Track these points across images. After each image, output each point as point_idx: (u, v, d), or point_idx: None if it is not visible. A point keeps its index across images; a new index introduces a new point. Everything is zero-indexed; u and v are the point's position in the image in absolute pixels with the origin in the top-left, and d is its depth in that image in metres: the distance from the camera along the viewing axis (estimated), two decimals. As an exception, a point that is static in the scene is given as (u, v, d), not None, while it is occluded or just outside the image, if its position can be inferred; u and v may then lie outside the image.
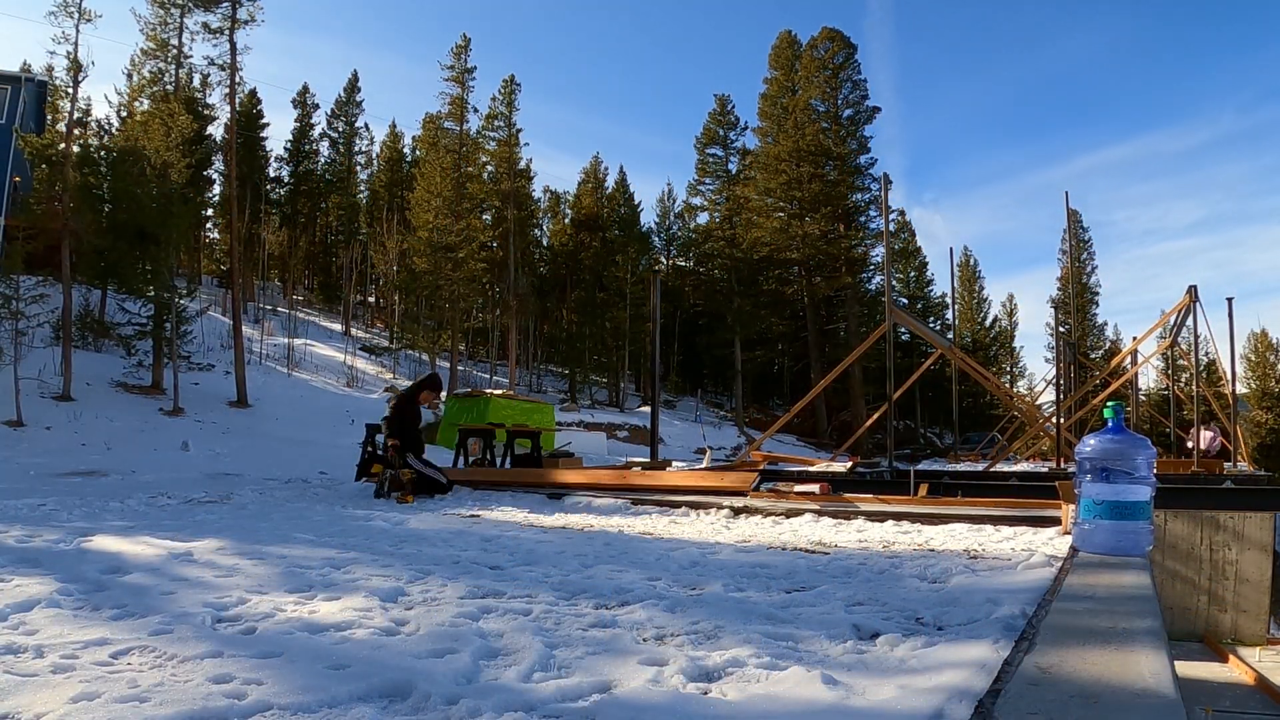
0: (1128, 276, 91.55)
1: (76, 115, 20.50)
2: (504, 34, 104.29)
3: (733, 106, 41.96)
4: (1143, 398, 26.32)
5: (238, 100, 23.41)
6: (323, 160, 43.28)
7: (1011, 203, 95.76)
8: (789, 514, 4.87)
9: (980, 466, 15.68)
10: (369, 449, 8.82)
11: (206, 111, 26.47)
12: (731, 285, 38.51)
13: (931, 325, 39.93)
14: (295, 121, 41.88)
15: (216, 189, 32.94)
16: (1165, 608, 6.53)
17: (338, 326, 34.47)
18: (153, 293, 16.86)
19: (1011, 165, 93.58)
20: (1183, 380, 22.62)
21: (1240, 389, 25.06)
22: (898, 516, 4.55)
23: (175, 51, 22.29)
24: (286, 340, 25.73)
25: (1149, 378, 31.13)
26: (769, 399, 45.30)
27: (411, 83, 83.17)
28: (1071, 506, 3.03)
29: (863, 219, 38.68)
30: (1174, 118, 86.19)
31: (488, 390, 22.56)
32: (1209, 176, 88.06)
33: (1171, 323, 18.86)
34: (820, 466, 13.50)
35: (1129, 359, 22.08)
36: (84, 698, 1.44)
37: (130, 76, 25.17)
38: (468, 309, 30.78)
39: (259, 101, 38.42)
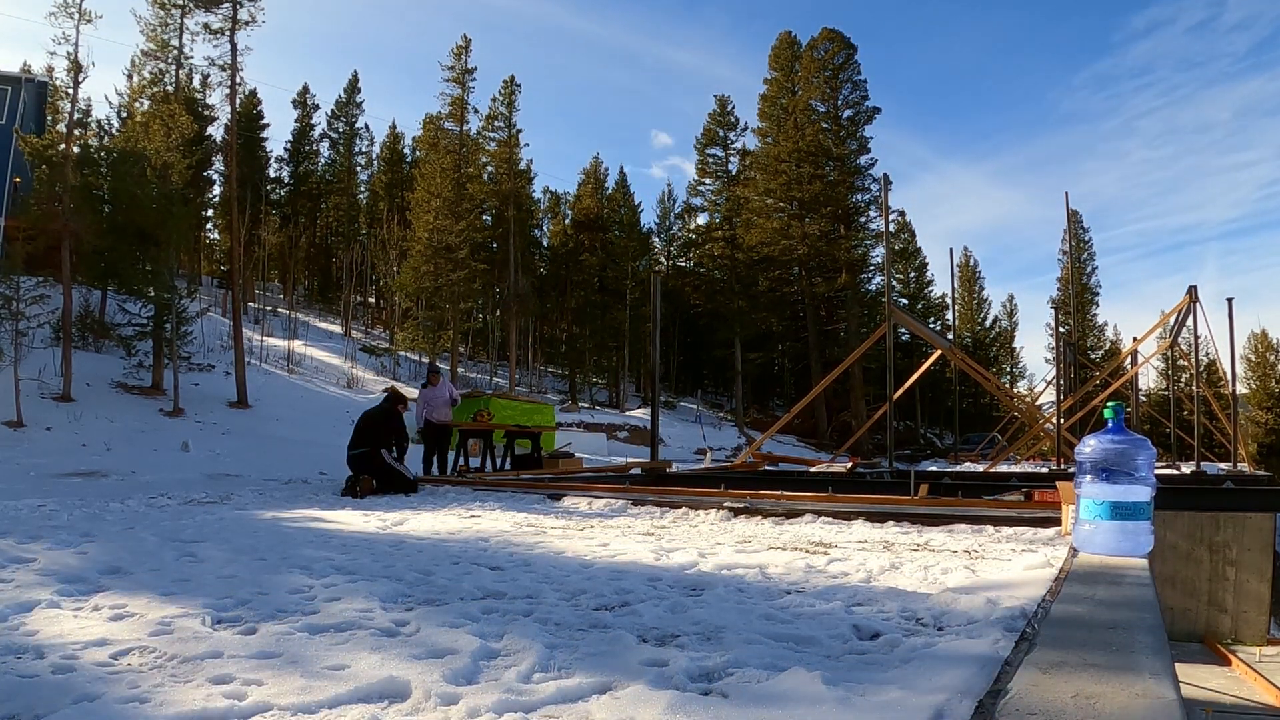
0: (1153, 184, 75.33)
1: (77, 116, 20.48)
2: (504, 34, 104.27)
3: (733, 107, 42.01)
4: (1143, 398, 26.32)
5: (238, 101, 23.40)
6: (323, 161, 43.30)
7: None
8: (789, 514, 4.87)
9: (980, 467, 15.70)
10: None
11: (207, 112, 26.46)
12: (731, 285, 38.48)
13: (931, 325, 39.95)
14: (295, 122, 41.94)
15: (217, 190, 32.97)
16: (1165, 608, 6.52)
17: (337, 328, 34.46)
18: (153, 293, 16.84)
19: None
20: (1183, 380, 22.64)
21: (1240, 389, 25.04)
22: (898, 517, 4.55)
23: (176, 52, 22.29)
24: (286, 342, 25.73)
25: (1149, 378, 31.16)
26: (769, 399, 45.30)
27: (412, 83, 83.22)
28: (1071, 507, 3.02)
29: (863, 219, 38.67)
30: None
31: (487, 391, 22.58)
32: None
33: (1172, 323, 18.89)
34: (820, 467, 13.52)
35: (1129, 359, 22.11)
36: (85, 699, 1.44)
37: (130, 77, 25.20)
38: (468, 310, 30.78)
39: (259, 102, 38.44)
